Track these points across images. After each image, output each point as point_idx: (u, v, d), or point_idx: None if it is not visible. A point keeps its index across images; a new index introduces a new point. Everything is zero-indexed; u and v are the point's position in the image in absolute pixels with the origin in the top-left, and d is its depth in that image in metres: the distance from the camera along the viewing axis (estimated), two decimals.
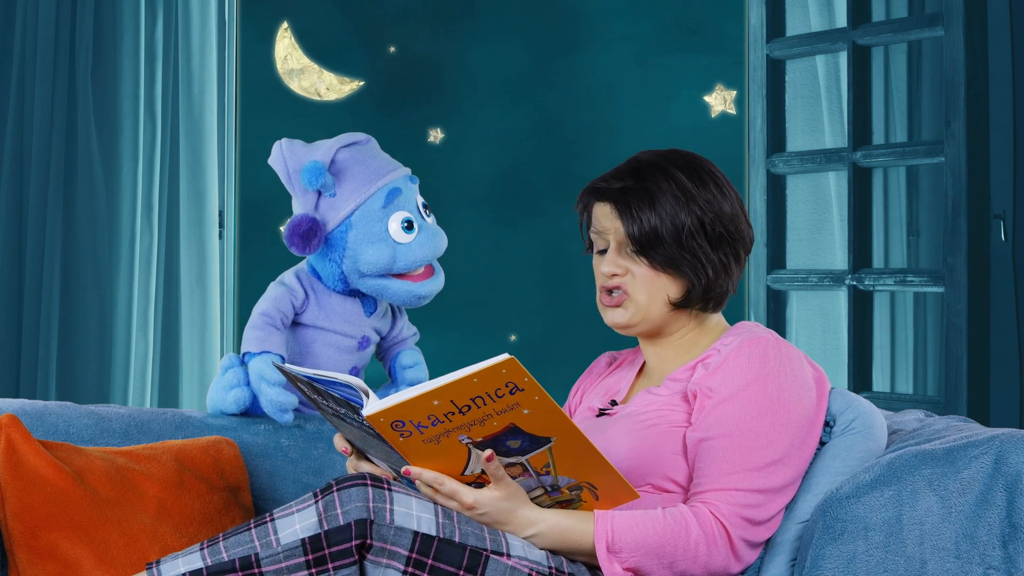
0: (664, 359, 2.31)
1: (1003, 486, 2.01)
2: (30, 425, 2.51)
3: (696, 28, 4.55)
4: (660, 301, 2.27)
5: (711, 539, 2.10)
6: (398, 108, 4.55)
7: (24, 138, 4.25)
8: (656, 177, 2.25)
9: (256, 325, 2.66)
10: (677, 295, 2.26)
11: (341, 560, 1.97)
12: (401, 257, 2.66)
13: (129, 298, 4.32)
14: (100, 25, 4.29)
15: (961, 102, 3.69)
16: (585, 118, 4.56)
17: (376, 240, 2.65)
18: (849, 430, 2.25)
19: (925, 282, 3.84)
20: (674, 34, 4.55)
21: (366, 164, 2.70)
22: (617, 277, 2.27)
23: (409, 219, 2.67)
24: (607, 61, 4.55)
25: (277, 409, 2.61)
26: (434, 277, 2.72)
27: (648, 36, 4.55)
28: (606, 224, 2.27)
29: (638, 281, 2.26)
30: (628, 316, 2.28)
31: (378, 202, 2.67)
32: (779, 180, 4.22)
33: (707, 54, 4.53)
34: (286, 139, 2.74)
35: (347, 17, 4.55)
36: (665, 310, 2.27)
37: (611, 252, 2.28)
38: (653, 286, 2.26)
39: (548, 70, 4.55)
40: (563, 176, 4.54)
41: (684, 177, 2.25)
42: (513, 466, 2.04)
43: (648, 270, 2.25)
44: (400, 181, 2.70)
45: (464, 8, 4.54)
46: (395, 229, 2.67)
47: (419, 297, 2.71)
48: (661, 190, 2.24)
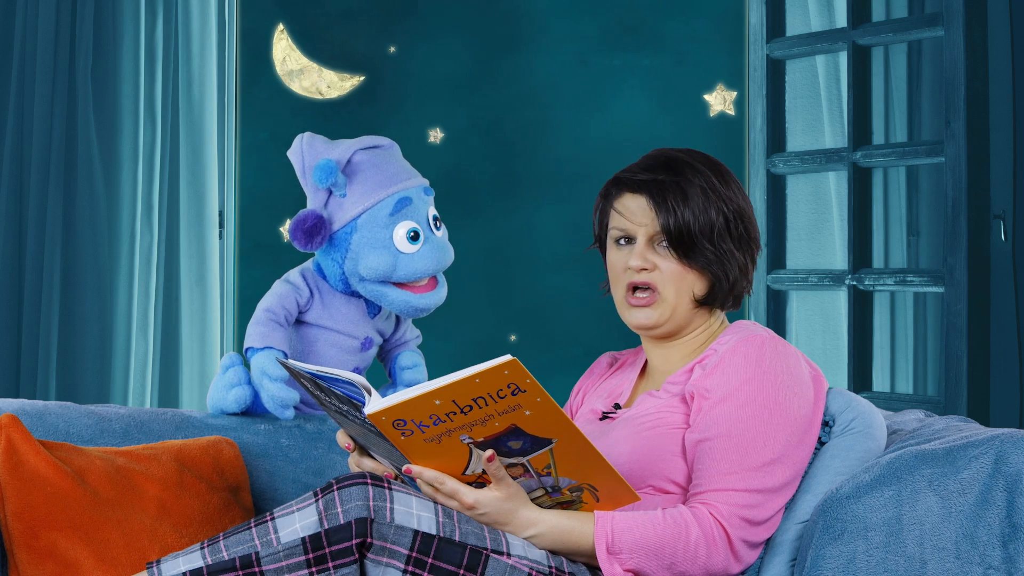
0: (668, 360, 2.31)
1: (1003, 486, 2.01)
2: (30, 425, 2.51)
3: (638, 28, 4.54)
4: (686, 299, 2.25)
5: (711, 540, 2.10)
6: (342, 109, 4.53)
7: (24, 138, 4.25)
8: (687, 172, 2.24)
9: (260, 321, 2.66)
10: (702, 292, 2.25)
11: (341, 559, 1.97)
12: (402, 267, 2.65)
13: (129, 298, 4.32)
14: (100, 25, 4.29)
15: (961, 102, 3.69)
16: (526, 118, 4.54)
17: (379, 246, 2.65)
18: (849, 430, 2.25)
19: (925, 282, 3.84)
20: (616, 34, 4.54)
21: (381, 169, 2.69)
22: (646, 272, 2.24)
23: (416, 230, 2.66)
24: (548, 61, 4.53)
25: (278, 405, 2.60)
26: (435, 291, 2.69)
27: (590, 36, 4.54)
28: (640, 217, 2.24)
29: (666, 277, 2.24)
30: (657, 316, 2.26)
31: (386, 209, 2.65)
32: (779, 180, 4.22)
33: (648, 54, 4.52)
34: (309, 133, 2.72)
35: (290, 16, 4.53)
36: (689, 308, 2.26)
37: (640, 246, 2.25)
38: (681, 283, 2.24)
39: (489, 70, 4.53)
40: (504, 177, 4.52)
41: (711, 174, 2.25)
42: (514, 466, 2.04)
43: (676, 265, 2.23)
44: (413, 191, 2.68)
45: (407, 7, 4.53)
46: (400, 238, 2.65)
47: (416, 309, 2.68)
48: (692, 185, 2.23)
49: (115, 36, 4.31)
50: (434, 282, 2.70)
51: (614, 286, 2.30)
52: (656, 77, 4.51)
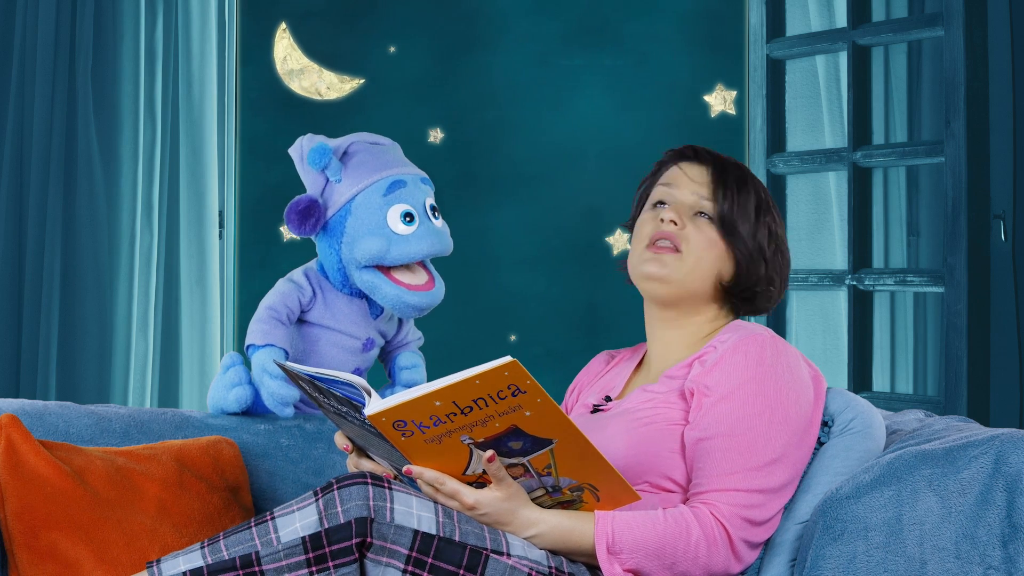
0: (669, 348, 2.31)
1: (1003, 486, 2.01)
2: (30, 425, 2.51)
3: (601, 28, 4.53)
4: (705, 274, 2.27)
5: (711, 540, 2.10)
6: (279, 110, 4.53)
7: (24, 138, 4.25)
8: (748, 175, 2.30)
9: (261, 318, 2.66)
10: (729, 275, 2.27)
11: (341, 558, 1.97)
12: (395, 248, 2.61)
13: (129, 298, 4.32)
14: (100, 25, 4.29)
15: (961, 102, 3.69)
16: (486, 118, 4.53)
17: (373, 228, 2.62)
18: (848, 430, 2.25)
19: (925, 282, 3.84)
20: (577, 34, 4.53)
21: (378, 156, 2.68)
22: (675, 227, 2.26)
23: (410, 212, 2.63)
24: (509, 61, 4.52)
25: (278, 402, 2.60)
26: (431, 290, 2.67)
27: (550, 36, 4.53)
28: (697, 181, 2.28)
29: (692, 244, 2.25)
30: (669, 271, 2.26)
31: (380, 190, 2.63)
32: (779, 180, 4.22)
33: (610, 55, 4.52)
34: (311, 134, 2.73)
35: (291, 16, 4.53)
36: (707, 286, 2.27)
37: (679, 204, 2.28)
38: (708, 253, 2.26)
39: (449, 70, 4.52)
40: (464, 178, 4.51)
41: (764, 193, 2.31)
42: (514, 467, 2.04)
43: (712, 236, 2.25)
44: (408, 177, 2.66)
45: (367, 7, 4.52)
46: (394, 219, 2.63)
47: (408, 306, 2.65)
48: (750, 184, 2.28)
49: (115, 36, 4.31)
50: (431, 282, 2.68)
51: (634, 247, 2.32)
52: (617, 77, 4.51)
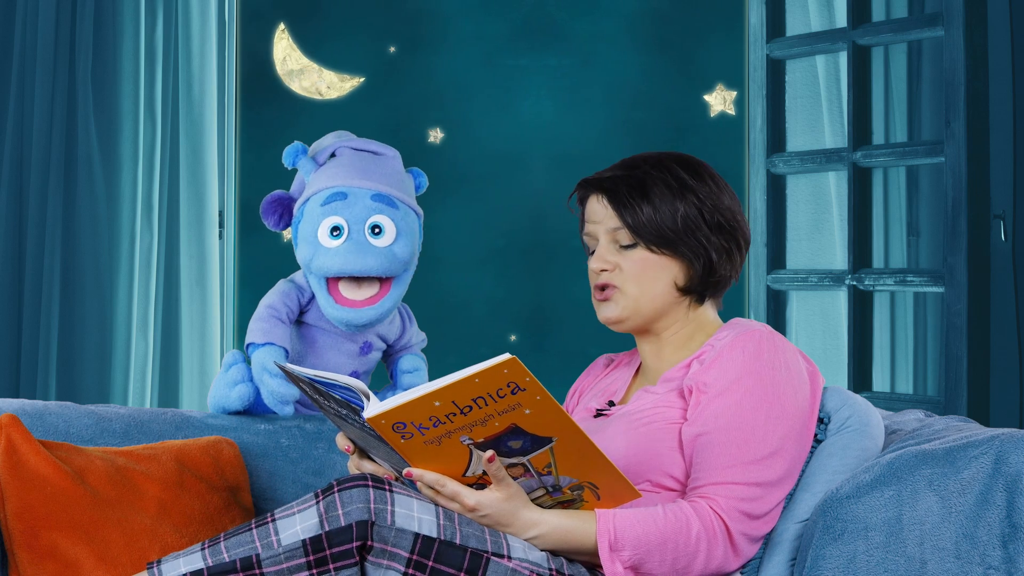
0: (661, 357, 2.32)
1: (1003, 486, 2.01)
2: (30, 425, 2.51)
3: (547, 28, 4.53)
4: (655, 291, 2.27)
5: (711, 535, 2.11)
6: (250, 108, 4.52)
7: (24, 138, 4.25)
8: (647, 168, 2.27)
9: (262, 317, 2.66)
10: (684, 281, 2.26)
11: (342, 561, 1.97)
12: (317, 260, 2.62)
13: (129, 298, 4.32)
14: (100, 25, 4.28)
15: (961, 102, 3.69)
16: (433, 118, 4.52)
17: (307, 236, 2.64)
18: (845, 428, 2.26)
19: (925, 282, 3.84)
20: (523, 34, 4.53)
21: (348, 165, 2.68)
22: (606, 273, 2.28)
23: (339, 226, 2.62)
24: (455, 61, 4.52)
25: (278, 401, 2.60)
26: (362, 308, 2.64)
27: (497, 36, 4.53)
28: (599, 215, 2.28)
29: (627, 275, 2.27)
30: (619, 311, 2.28)
31: (320, 200, 2.65)
32: (779, 180, 4.22)
33: (555, 54, 4.52)
34: (340, 131, 2.77)
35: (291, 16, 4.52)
36: (663, 300, 2.27)
37: (600, 248, 2.29)
38: (648, 275, 2.26)
39: (396, 69, 4.52)
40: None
41: (680, 169, 2.27)
42: (515, 467, 2.04)
43: (645, 257, 2.26)
44: (357, 191, 2.64)
45: (311, 7, 4.51)
46: (323, 231, 2.63)
47: (335, 319, 2.65)
48: (653, 179, 2.26)
49: (115, 36, 4.31)
50: (374, 299, 2.66)
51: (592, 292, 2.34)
52: (562, 77, 4.51)
